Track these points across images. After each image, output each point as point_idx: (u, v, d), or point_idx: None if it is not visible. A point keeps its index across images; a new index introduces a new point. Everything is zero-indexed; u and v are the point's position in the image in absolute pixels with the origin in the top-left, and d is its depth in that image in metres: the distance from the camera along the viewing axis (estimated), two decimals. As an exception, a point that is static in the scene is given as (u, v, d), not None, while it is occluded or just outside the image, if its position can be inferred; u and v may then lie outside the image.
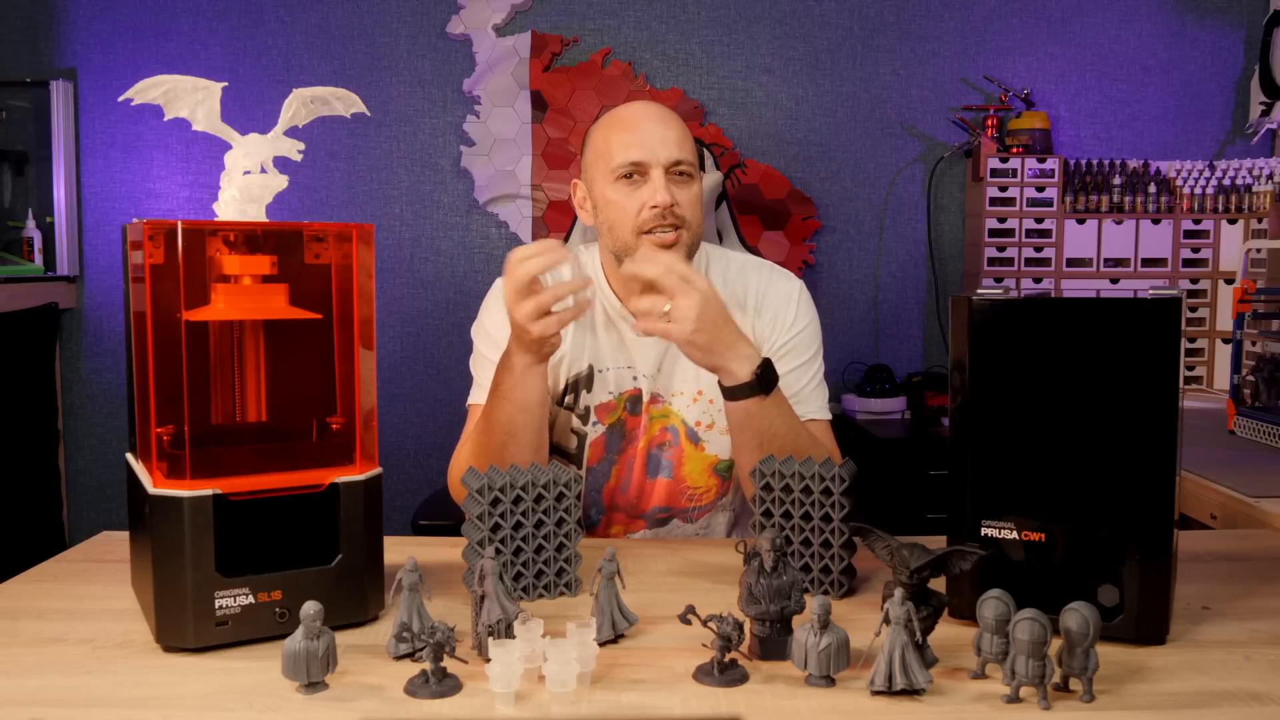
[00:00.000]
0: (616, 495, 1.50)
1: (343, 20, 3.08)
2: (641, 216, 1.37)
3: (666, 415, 1.49)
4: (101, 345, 3.15)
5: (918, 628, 0.87)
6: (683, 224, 1.38)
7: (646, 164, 1.38)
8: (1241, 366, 2.14)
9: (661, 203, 1.36)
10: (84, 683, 0.90)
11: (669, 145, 1.38)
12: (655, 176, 1.37)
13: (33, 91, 3.01)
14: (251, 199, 1.02)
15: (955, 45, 3.10)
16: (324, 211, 3.09)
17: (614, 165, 1.39)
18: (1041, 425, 1.00)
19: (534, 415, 1.33)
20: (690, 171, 1.41)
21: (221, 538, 0.95)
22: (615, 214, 1.40)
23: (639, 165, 1.38)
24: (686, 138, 1.42)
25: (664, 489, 1.49)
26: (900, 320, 3.18)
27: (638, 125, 1.40)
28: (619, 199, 1.39)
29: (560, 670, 0.85)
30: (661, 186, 1.36)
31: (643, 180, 1.38)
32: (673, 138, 1.39)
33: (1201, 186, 2.96)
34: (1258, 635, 1.02)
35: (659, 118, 1.41)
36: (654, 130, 1.39)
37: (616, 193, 1.39)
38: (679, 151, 1.39)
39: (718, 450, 1.49)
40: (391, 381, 3.12)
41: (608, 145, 1.41)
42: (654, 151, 1.37)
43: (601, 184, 1.42)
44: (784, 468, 1.13)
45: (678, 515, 1.51)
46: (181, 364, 0.95)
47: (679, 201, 1.38)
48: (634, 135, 1.39)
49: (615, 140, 1.40)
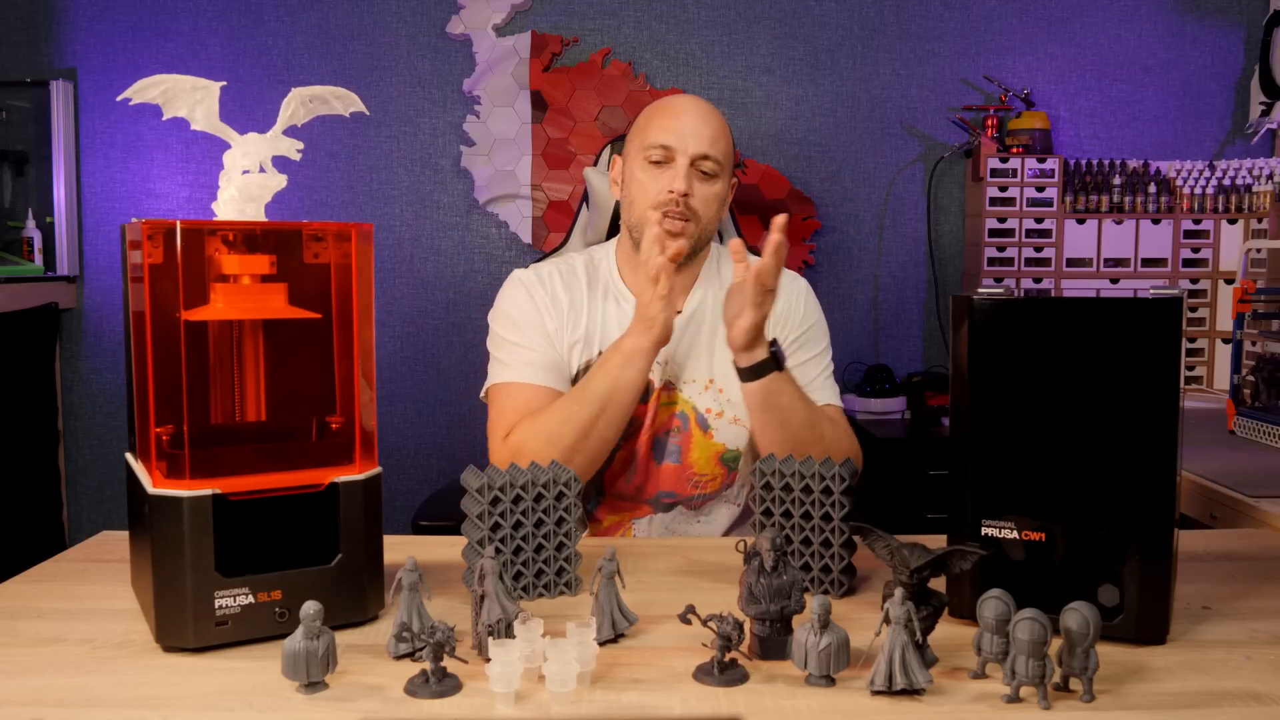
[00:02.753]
0: (619, 483, 1.51)
1: (343, 20, 3.08)
2: (659, 198, 1.44)
3: (676, 402, 1.51)
4: (101, 345, 3.15)
5: (918, 627, 0.87)
6: (693, 217, 1.44)
7: (674, 150, 1.44)
8: (1241, 366, 2.14)
9: (678, 190, 1.42)
10: (84, 683, 0.90)
11: (700, 139, 1.44)
12: (680, 164, 1.43)
13: (33, 91, 3.01)
14: (250, 198, 1.02)
15: (955, 45, 3.10)
16: (324, 211, 3.09)
17: (646, 144, 1.46)
18: (1042, 425, 1.00)
19: (628, 396, 1.38)
20: (715, 171, 1.46)
21: (221, 538, 0.95)
22: (637, 191, 1.47)
23: (667, 150, 1.44)
24: (722, 138, 1.47)
25: (671, 474, 1.51)
26: (900, 320, 3.17)
27: (678, 114, 1.47)
28: (644, 178, 1.46)
29: (560, 670, 0.85)
30: (683, 175, 1.43)
31: (668, 166, 1.45)
32: (706, 134, 1.45)
33: (1201, 186, 2.96)
34: (1258, 635, 1.02)
35: (700, 113, 1.47)
36: (690, 122, 1.45)
37: (644, 172, 1.47)
38: (709, 147, 1.45)
39: (726, 439, 1.51)
40: (391, 381, 3.12)
41: (647, 125, 1.48)
42: (685, 141, 1.44)
43: (633, 161, 1.49)
44: (784, 467, 1.13)
45: (683, 502, 1.52)
46: (181, 364, 0.95)
47: (695, 194, 1.44)
48: (672, 122, 1.46)
49: (654, 123, 1.47)
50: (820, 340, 1.57)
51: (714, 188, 1.46)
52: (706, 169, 1.45)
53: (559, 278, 1.54)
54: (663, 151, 1.44)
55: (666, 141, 1.44)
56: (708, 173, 1.45)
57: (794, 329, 1.55)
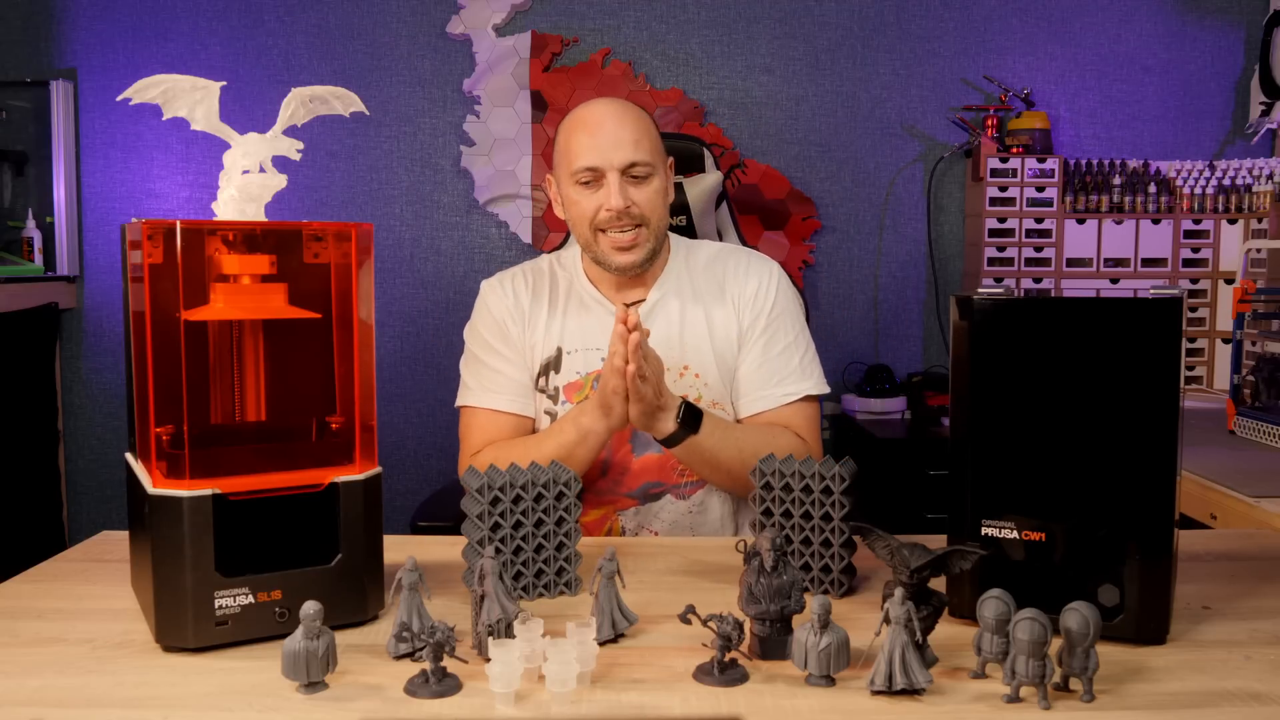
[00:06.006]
0: (596, 479, 1.52)
1: (343, 20, 3.08)
2: (599, 217, 1.45)
3: None
4: (101, 345, 3.15)
5: (918, 627, 0.87)
6: (643, 222, 1.47)
7: (601, 169, 1.44)
8: (1241, 366, 2.14)
9: (615, 207, 1.43)
10: (84, 683, 0.90)
11: (623, 148, 1.43)
12: (611, 181, 1.44)
13: (33, 91, 3.01)
14: (250, 198, 1.02)
15: (955, 45, 3.10)
16: (324, 211, 3.09)
17: (572, 170, 1.46)
18: (1042, 425, 0.99)
19: (581, 467, 1.41)
20: (647, 172, 1.46)
21: (221, 537, 0.95)
22: (575, 213, 1.49)
23: (594, 171, 1.45)
24: (645, 136, 1.46)
25: (654, 464, 1.51)
26: (900, 320, 3.17)
27: (597, 128, 1.45)
28: (579, 199, 1.47)
29: (560, 670, 0.85)
30: (616, 191, 1.43)
31: (599, 185, 1.45)
32: (627, 139, 1.44)
33: (1201, 186, 2.96)
34: (1258, 635, 1.02)
35: (617, 118, 1.46)
36: (610, 133, 1.44)
37: (577, 194, 1.47)
38: (634, 153, 1.44)
39: None
40: (391, 381, 3.12)
41: (568, 147, 1.48)
42: (608, 157, 1.43)
43: (565, 184, 1.50)
44: (784, 467, 1.13)
45: (670, 491, 1.52)
46: (181, 364, 0.95)
47: (636, 201, 1.45)
48: (591, 139, 1.45)
49: (574, 144, 1.46)
50: (793, 326, 1.55)
51: (651, 186, 1.47)
52: (638, 174, 1.45)
53: (523, 278, 1.59)
54: (590, 173, 1.44)
55: (591, 163, 1.44)
56: (640, 176, 1.45)
57: (762, 318, 1.53)
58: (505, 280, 1.60)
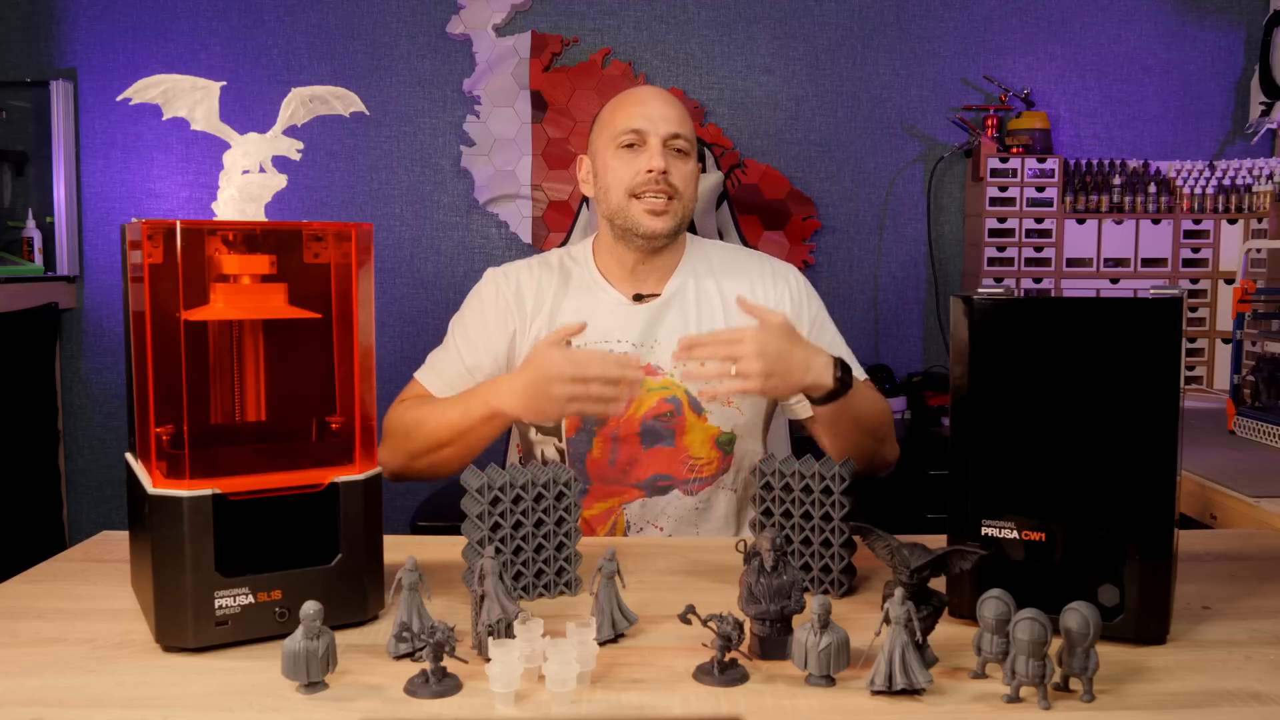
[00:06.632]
0: (604, 468, 1.52)
1: (343, 20, 3.08)
2: (636, 180, 1.48)
3: (668, 387, 1.51)
4: (101, 345, 3.15)
5: (918, 627, 0.87)
6: (675, 194, 1.50)
7: (645, 132, 1.49)
8: (1241, 366, 2.14)
9: (656, 167, 1.47)
10: (84, 683, 0.90)
11: (669, 120, 1.50)
12: (653, 145, 1.48)
13: (33, 91, 3.01)
14: (250, 198, 1.02)
15: (955, 45, 3.10)
16: (324, 211, 3.09)
17: (617, 132, 1.50)
18: (1042, 425, 0.99)
19: (478, 446, 1.40)
20: (687, 149, 1.52)
21: (221, 537, 0.95)
22: (612, 178, 1.51)
23: (639, 133, 1.49)
24: (687, 121, 1.53)
25: (664, 457, 1.51)
26: (900, 320, 3.17)
27: (642, 100, 1.52)
28: (618, 165, 1.50)
29: (560, 670, 0.85)
30: (658, 153, 1.48)
31: (641, 148, 1.49)
32: (673, 115, 1.51)
33: (1201, 186, 2.96)
34: (1258, 635, 1.02)
35: (663, 98, 1.53)
36: (657, 106, 1.51)
37: (617, 159, 1.51)
38: (678, 126, 1.50)
39: (719, 422, 1.52)
40: (391, 381, 3.09)
41: (613, 116, 1.53)
42: (654, 123, 1.49)
43: (604, 152, 1.53)
44: (784, 467, 1.13)
45: (678, 486, 1.52)
46: (181, 364, 0.95)
47: (673, 171, 1.49)
48: (638, 108, 1.51)
49: (620, 112, 1.52)
50: (829, 324, 1.61)
51: (689, 165, 1.52)
52: (679, 147, 1.50)
53: (528, 271, 1.60)
54: (635, 135, 1.49)
55: (637, 125, 1.48)
56: (681, 150, 1.50)
57: (805, 326, 1.56)
58: (510, 272, 1.60)
